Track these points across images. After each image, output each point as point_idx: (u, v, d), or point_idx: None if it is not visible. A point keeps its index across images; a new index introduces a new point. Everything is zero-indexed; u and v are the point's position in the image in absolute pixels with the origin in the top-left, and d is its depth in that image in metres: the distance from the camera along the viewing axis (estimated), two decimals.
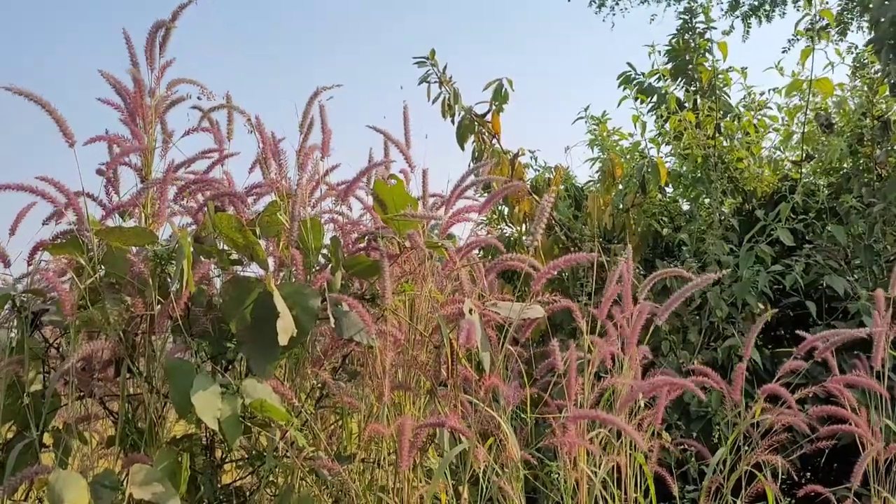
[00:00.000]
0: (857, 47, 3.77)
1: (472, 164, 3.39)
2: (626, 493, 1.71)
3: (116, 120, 1.67)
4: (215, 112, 1.81)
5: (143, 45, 1.68)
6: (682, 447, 2.30)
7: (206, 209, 1.65)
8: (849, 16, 7.25)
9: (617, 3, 11.61)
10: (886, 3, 3.35)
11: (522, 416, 1.81)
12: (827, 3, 3.22)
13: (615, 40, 12.20)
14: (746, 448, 1.88)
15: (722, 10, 10.55)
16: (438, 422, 1.52)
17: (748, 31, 10.51)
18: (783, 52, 9.09)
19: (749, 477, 1.87)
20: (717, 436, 2.35)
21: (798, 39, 8.72)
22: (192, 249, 1.48)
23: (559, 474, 1.66)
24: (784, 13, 10.43)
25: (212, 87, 1.78)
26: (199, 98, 1.74)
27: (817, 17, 3.14)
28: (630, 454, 1.72)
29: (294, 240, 1.63)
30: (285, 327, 1.45)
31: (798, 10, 9.35)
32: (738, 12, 10.51)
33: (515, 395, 1.66)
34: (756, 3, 10.55)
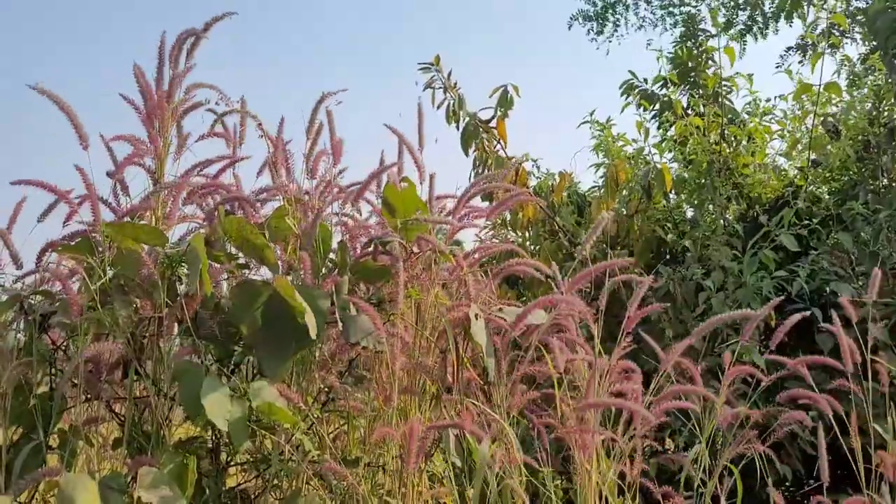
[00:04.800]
0: (863, 60, 3.78)
1: (474, 170, 3.39)
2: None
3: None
4: (228, 116, 1.82)
5: (169, 50, 1.69)
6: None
7: (216, 213, 1.65)
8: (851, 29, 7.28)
9: (615, 32, 11.82)
10: (889, 8, 3.34)
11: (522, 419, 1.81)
12: (835, 10, 3.23)
13: (615, 41, 12.30)
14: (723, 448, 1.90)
15: (717, 29, 10.64)
16: (455, 424, 1.52)
17: (744, 49, 10.62)
18: (782, 57, 9.16)
19: (759, 482, 1.88)
20: (720, 441, 2.33)
21: (796, 51, 8.79)
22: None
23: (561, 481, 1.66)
24: (777, 30, 10.57)
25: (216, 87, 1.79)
26: (216, 103, 1.74)
27: (825, 24, 3.14)
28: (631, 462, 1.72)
29: (302, 243, 1.63)
30: (312, 322, 1.46)
31: (791, 26, 9.44)
32: (732, 31, 10.60)
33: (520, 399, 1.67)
34: (750, 22, 10.67)
